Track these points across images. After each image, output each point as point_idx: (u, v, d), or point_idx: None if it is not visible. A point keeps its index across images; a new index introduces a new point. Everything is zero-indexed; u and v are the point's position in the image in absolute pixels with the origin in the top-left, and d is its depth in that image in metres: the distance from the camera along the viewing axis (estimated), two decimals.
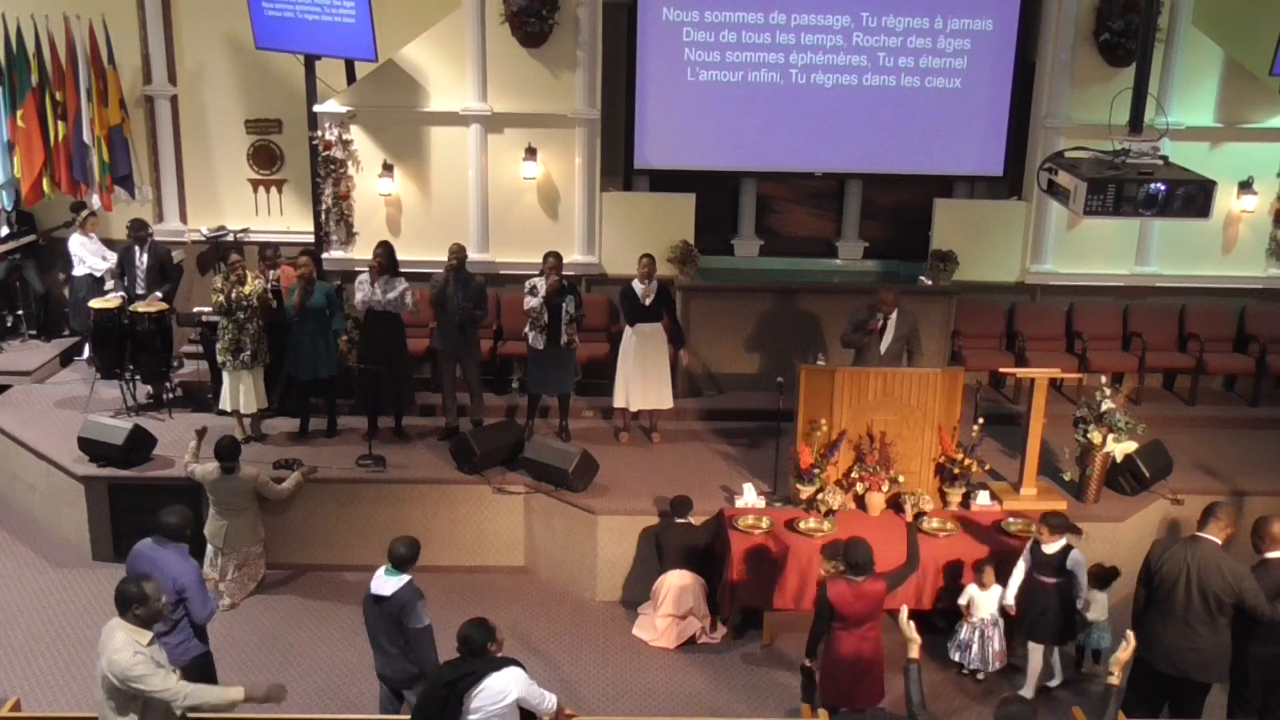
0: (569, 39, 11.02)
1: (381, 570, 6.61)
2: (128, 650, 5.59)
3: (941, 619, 8.73)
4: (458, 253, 10.13)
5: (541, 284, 9.90)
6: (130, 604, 5.64)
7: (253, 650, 8.49)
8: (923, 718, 5.54)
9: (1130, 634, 5.75)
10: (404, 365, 10.38)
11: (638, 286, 10.17)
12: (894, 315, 9.66)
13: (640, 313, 10.16)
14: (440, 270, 10.22)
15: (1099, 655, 8.38)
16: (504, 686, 5.77)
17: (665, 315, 10.30)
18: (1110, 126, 7.75)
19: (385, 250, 10.07)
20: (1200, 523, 6.90)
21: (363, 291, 9.97)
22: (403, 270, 10.16)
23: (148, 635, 5.70)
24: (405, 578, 6.56)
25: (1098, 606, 8.25)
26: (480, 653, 5.77)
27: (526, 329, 10.08)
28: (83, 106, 11.78)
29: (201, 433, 8.90)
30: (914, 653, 5.78)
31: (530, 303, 9.93)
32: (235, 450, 8.70)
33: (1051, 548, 7.86)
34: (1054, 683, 8.23)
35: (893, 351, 9.69)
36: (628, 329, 10.27)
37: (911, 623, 5.94)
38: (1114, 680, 5.53)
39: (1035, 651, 8.04)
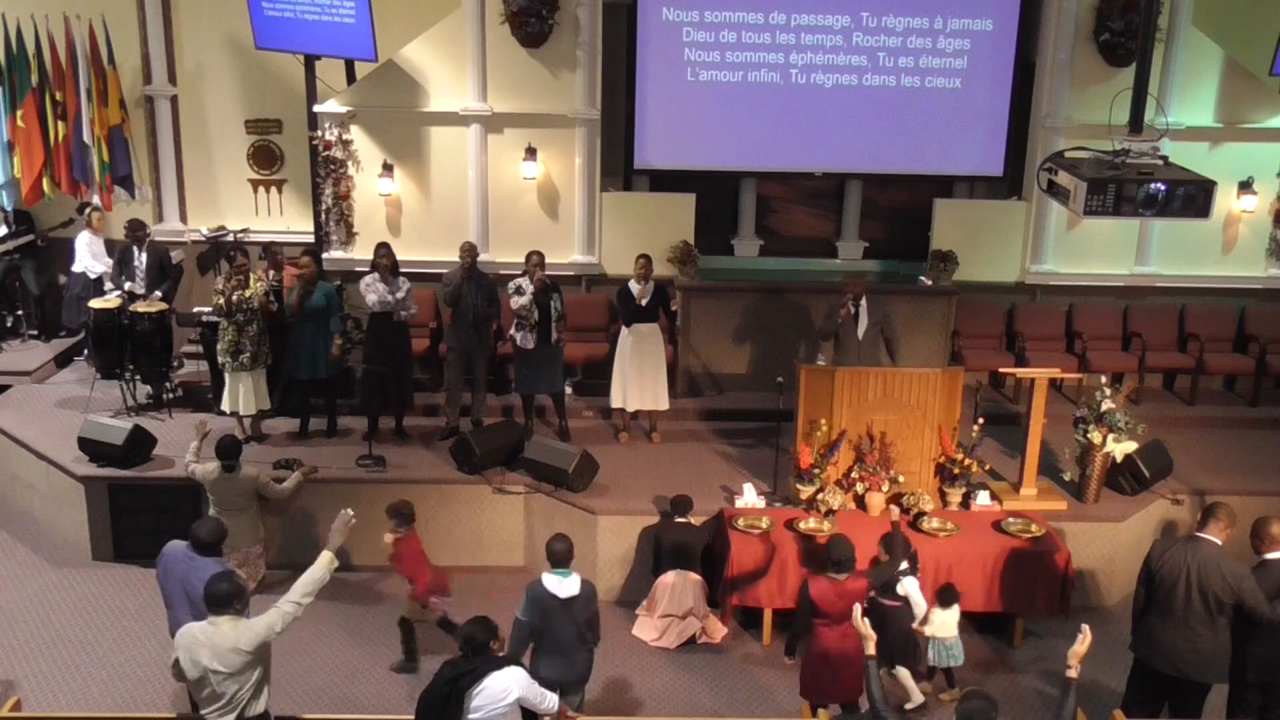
0: (569, 39, 11.02)
1: (551, 575, 6.81)
2: (253, 626, 5.84)
3: None
4: (471, 251, 10.13)
5: (527, 283, 9.90)
6: (231, 601, 5.84)
7: None
8: (886, 714, 5.56)
9: (1086, 628, 5.68)
10: (409, 366, 10.38)
11: (634, 287, 10.17)
12: (864, 302, 9.78)
13: (637, 313, 10.17)
14: (444, 270, 10.23)
15: (951, 675, 8.13)
16: (505, 686, 5.77)
17: (661, 314, 10.30)
18: (1110, 126, 7.75)
19: (390, 250, 10.08)
20: (1200, 523, 6.90)
21: (376, 293, 9.94)
22: (403, 270, 10.16)
23: None
24: (577, 575, 6.83)
25: (946, 625, 7.97)
26: (482, 651, 5.78)
27: (512, 329, 10.07)
28: (83, 106, 11.78)
29: (203, 430, 8.85)
30: (870, 649, 5.83)
31: (519, 301, 9.92)
32: (236, 449, 8.69)
33: (902, 568, 7.72)
34: (911, 704, 7.95)
35: (870, 337, 9.83)
36: (624, 329, 10.27)
37: (865, 620, 5.97)
38: (1072, 674, 5.50)
39: (902, 674, 7.94)
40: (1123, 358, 11.36)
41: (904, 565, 7.75)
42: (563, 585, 6.77)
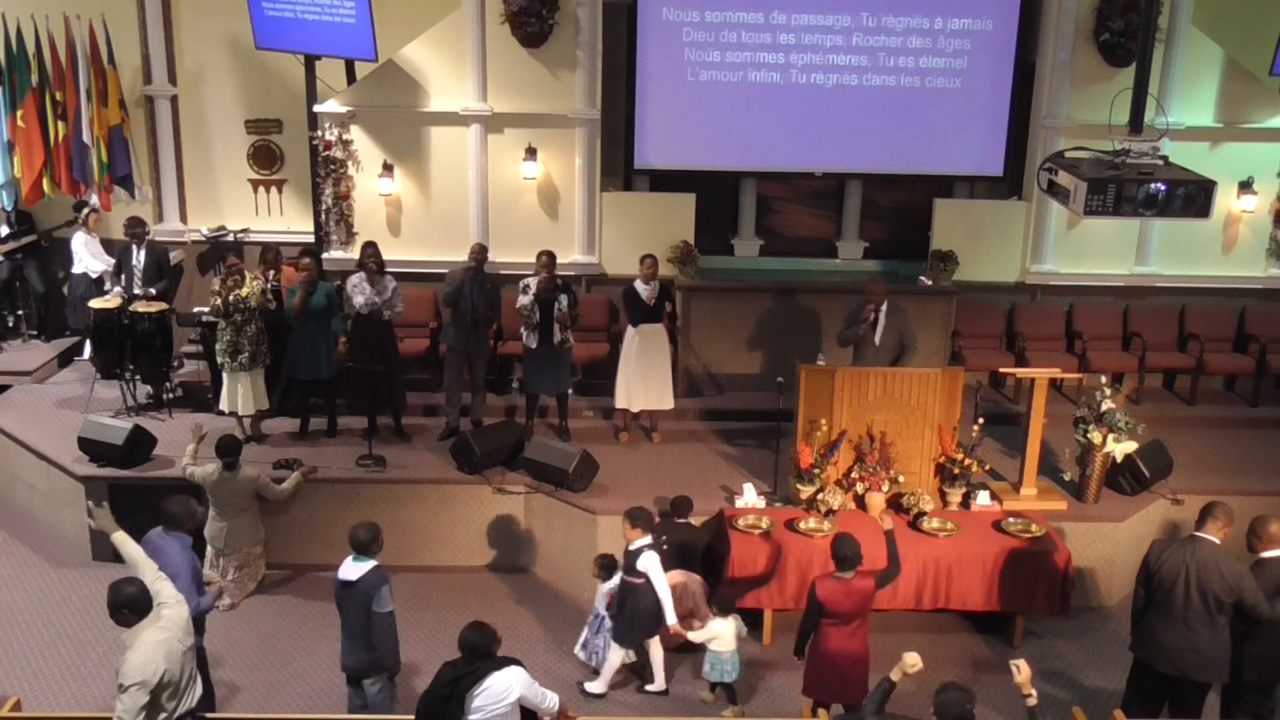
0: (569, 39, 11.02)
1: (349, 558, 6.87)
2: (175, 601, 5.92)
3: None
4: (479, 254, 10.12)
5: (534, 283, 9.91)
6: (144, 601, 5.77)
7: (253, 650, 8.48)
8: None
9: (1015, 663, 5.57)
10: (399, 365, 10.38)
11: (641, 287, 10.16)
12: (884, 307, 9.71)
13: (644, 313, 10.15)
14: (445, 270, 10.23)
15: (731, 691, 7.92)
16: (506, 686, 5.77)
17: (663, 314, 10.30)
18: (1110, 126, 7.75)
19: (377, 251, 10.09)
20: (1199, 522, 6.90)
21: (363, 294, 9.95)
22: (403, 270, 10.17)
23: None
24: (371, 563, 6.83)
25: (722, 637, 7.79)
26: (483, 658, 5.79)
27: (522, 328, 10.09)
28: (83, 106, 11.77)
29: (200, 434, 8.85)
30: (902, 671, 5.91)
31: (521, 300, 9.93)
32: (236, 450, 8.69)
33: (634, 545, 7.72)
34: (653, 687, 8.05)
35: (888, 344, 9.74)
36: (630, 329, 10.26)
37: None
38: (1032, 701, 5.47)
39: (615, 652, 7.95)
40: (1123, 358, 11.36)
41: (647, 540, 7.71)
42: (350, 570, 6.83)
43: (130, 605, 5.70)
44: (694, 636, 7.88)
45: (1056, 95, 11.24)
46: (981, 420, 9.26)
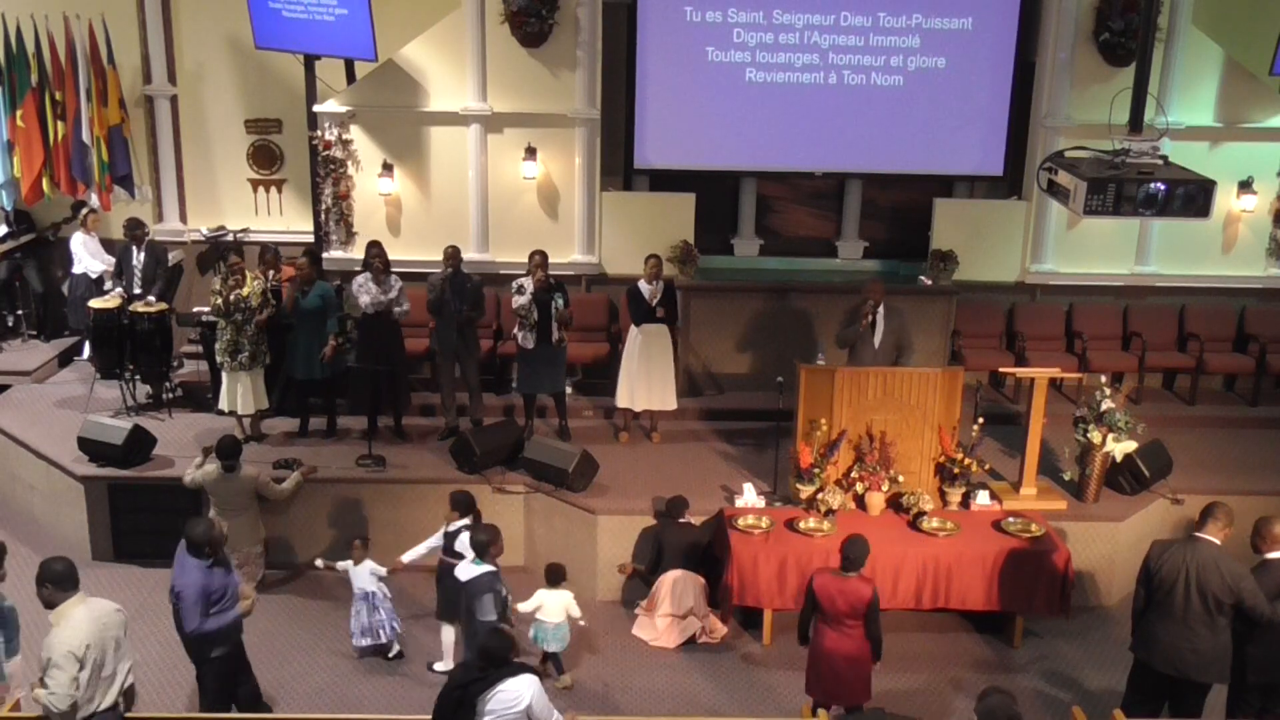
0: (569, 39, 11.02)
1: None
2: (82, 614, 6.15)
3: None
4: (453, 256, 10.11)
5: (529, 283, 9.90)
6: (72, 578, 6.16)
7: (252, 650, 8.41)
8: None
9: None
10: (404, 365, 10.39)
11: (644, 287, 10.15)
12: (881, 309, 9.69)
13: (647, 313, 10.15)
14: (436, 271, 10.23)
15: (557, 661, 8.20)
16: (518, 693, 5.78)
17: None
18: (1110, 126, 7.75)
19: (382, 250, 10.09)
20: (1199, 523, 6.90)
21: (369, 294, 9.94)
22: (404, 270, 10.16)
23: None
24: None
25: (549, 607, 8.04)
26: (501, 664, 5.80)
27: (515, 329, 10.09)
28: (82, 106, 11.77)
29: (209, 450, 8.84)
30: None
31: (519, 301, 9.93)
32: (236, 449, 8.68)
33: (453, 527, 7.93)
34: (440, 666, 8.20)
35: (886, 347, 9.72)
36: (633, 329, 10.25)
37: None
38: None
39: (447, 630, 8.14)
40: (1123, 357, 11.36)
41: (466, 521, 7.88)
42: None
43: (54, 580, 6.01)
44: (522, 607, 7.99)
45: (1056, 95, 11.24)
46: (981, 420, 9.26)
